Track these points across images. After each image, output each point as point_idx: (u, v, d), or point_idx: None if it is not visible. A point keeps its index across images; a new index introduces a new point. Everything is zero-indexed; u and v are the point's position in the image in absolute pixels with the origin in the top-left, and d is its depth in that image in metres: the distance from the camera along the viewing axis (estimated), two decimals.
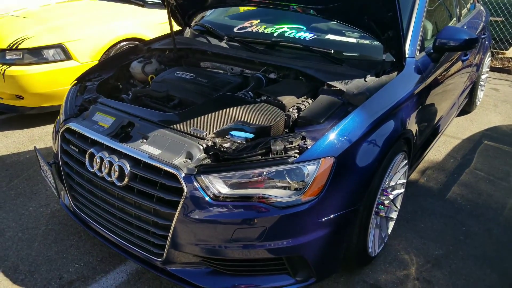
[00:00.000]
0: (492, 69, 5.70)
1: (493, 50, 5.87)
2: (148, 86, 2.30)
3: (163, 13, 3.75)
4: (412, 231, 2.35)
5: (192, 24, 2.94)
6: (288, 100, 1.90)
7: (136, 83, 2.48)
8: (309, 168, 1.56)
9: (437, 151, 3.29)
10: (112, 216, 1.81)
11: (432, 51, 2.39)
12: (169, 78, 2.20)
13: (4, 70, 3.42)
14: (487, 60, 4.16)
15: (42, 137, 3.52)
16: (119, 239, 1.80)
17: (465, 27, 3.30)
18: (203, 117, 1.77)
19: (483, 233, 2.36)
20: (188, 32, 2.88)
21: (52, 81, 3.53)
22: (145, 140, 1.70)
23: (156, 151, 1.63)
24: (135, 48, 2.77)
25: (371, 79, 2.00)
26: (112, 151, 1.73)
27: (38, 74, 3.45)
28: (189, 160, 1.59)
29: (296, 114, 1.83)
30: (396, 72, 2.09)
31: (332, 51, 2.26)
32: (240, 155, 1.57)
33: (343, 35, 2.44)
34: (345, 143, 1.65)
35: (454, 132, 3.64)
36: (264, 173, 1.54)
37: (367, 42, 2.33)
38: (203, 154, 1.61)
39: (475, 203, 2.64)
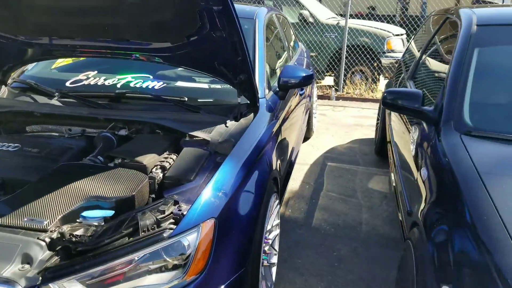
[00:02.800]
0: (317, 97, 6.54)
1: None
2: None
3: None
4: (292, 270, 2.33)
5: (9, 81, 2.40)
6: (148, 159, 1.65)
7: None
8: (189, 238, 1.34)
9: (293, 180, 3.47)
10: None
11: (277, 89, 2.49)
12: None
13: None
14: (315, 90, 4.71)
15: None
16: None
17: (295, 63, 3.64)
18: (40, 200, 1.36)
19: (351, 254, 2.51)
20: (4, 92, 2.33)
21: None
22: None
23: None
24: None
25: (231, 124, 1.93)
26: None
27: None
28: (27, 266, 1.17)
29: (161, 175, 1.60)
30: (252, 114, 2.08)
31: (186, 99, 2.12)
32: (100, 242, 1.24)
33: (193, 81, 2.35)
34: (222, 199, 1.50)
35: (303, 159, 3.93)
36: (136, 258, 1.25)
37: (218, 86, 2.28)
38: (48, 251, 1.22)
39: (337, 225, 2.82)
